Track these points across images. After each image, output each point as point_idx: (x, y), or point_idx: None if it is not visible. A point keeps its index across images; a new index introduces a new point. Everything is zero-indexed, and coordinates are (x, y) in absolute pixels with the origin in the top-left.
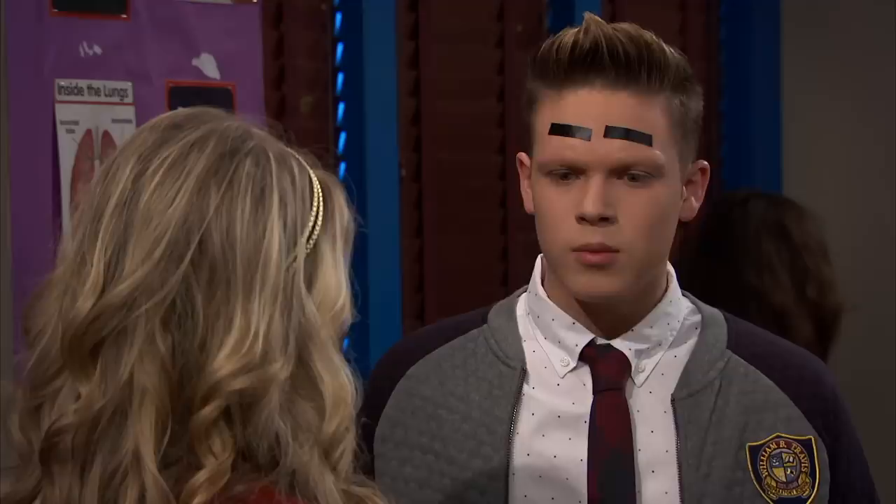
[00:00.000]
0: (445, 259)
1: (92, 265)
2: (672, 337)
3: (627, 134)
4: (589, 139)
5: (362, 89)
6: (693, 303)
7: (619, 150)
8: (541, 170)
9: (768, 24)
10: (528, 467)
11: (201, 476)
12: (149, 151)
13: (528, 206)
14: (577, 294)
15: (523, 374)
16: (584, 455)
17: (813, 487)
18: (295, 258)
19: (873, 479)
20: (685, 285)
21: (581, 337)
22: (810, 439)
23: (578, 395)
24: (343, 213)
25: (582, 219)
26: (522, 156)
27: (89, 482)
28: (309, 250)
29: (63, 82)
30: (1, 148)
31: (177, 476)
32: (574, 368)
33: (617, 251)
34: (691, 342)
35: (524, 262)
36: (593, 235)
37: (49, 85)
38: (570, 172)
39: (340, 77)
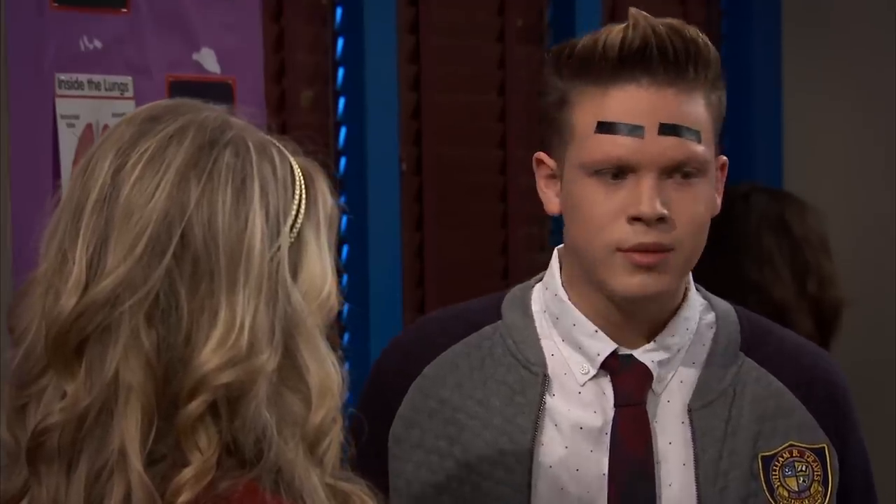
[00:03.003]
0: (446, 253)
1: (74, 262)
2: (690, 341)
3: (680, 131)
4: (642, 137)
5: (363, 83)
6: (705, 297)
7: (671, 147)
8: (584, 169)
9: (769, 18)
10: (550, 479)
11: (187, 473)
12: (127, 146)
13: (552, 207)
14: (623, 294)
15: (545, 381)
16: (605, 469)
17: (825, 497)
18: (279, 247)
19: (874, 479)
20: None
21: (603, 346)
22: (823, 447)
23: (599, 405)
24: (326, 199)
25: (636, 219)
26: (542, 156)
27: (75, 481)
28: (293, 239)
29: (63, 77)
30: (1, 143)
31: (163, 474)
32: (594, 376)
33: (671, 250)
34: (707, 344)
35: (524, 256)
36: (647, 235)
37: (49, 79)
38: (619, 172)
39: (341, 71)
